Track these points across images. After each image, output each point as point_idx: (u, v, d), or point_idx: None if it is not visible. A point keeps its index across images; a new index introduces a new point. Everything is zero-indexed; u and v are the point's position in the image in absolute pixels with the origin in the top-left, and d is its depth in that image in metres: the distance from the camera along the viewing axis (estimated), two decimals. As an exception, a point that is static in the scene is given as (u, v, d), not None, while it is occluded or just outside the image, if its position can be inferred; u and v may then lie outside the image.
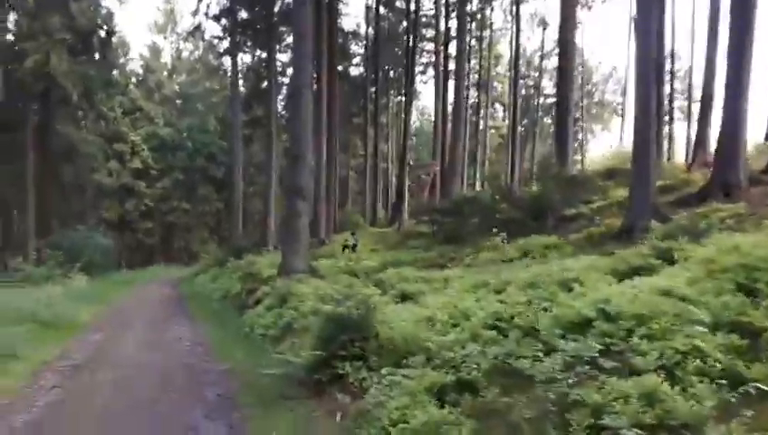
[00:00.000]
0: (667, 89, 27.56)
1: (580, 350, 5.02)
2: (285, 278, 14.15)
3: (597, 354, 4.82)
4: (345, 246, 19.57)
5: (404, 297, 9.26)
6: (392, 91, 53.68)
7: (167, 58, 62.22)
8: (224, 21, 38.85)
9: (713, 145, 22.59)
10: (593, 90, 60.85)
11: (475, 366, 5.45)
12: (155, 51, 60.18)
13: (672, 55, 29.75)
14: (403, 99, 45.83)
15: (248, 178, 48.71)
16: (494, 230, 14.23)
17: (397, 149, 52.14)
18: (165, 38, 61.97)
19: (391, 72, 50.86)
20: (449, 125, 31.68)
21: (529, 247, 12.36)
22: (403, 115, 34.96)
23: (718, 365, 4.27)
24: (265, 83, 38.14)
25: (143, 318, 15.57)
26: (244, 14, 34.17)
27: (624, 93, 46.73)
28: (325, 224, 26.30)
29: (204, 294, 20.47)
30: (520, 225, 16.08)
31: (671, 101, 30.53)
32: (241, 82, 39.84)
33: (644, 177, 11.56)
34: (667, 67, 33.81)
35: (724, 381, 4.04)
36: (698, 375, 4.18)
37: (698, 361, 4.34)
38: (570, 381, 4.52)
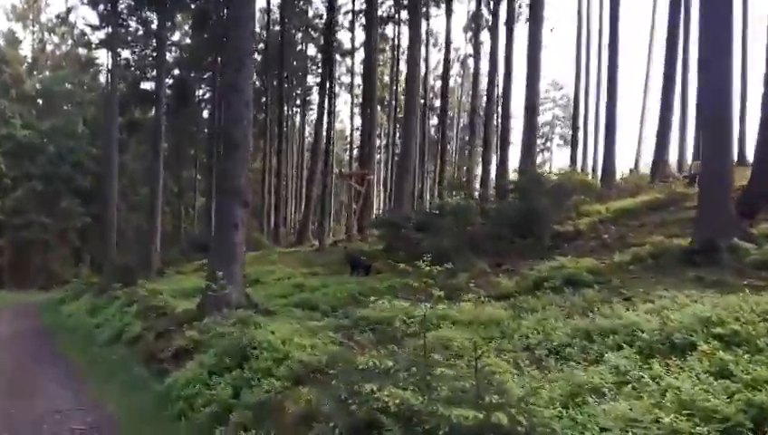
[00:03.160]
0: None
1: None
2: (217, 315, 10.05)
3: None
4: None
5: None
6: (291, 101, 49.94)
7: (27, 50, 53.68)
8: (101, 6, 33.62)
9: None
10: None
11: None
12: (12, 40, 51.35)
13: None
14: (315, 107, 42.60)
15: (121, 190, 42.33)
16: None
17: (297, 162, 48.74)
18: (25, 27, 53.46)
19: (287, 81, 47.01)
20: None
21: (559, 272, 9.17)
22: (323, 116, 30.90)
23: None
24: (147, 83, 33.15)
25: (-3, 373, 10.68)
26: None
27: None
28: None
29: (81, 333, 15.33)
30: (508, 243, 13.21)
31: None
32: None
33: (721, 183, 8.92)
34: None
35: None
36: None
37: None
38: None
